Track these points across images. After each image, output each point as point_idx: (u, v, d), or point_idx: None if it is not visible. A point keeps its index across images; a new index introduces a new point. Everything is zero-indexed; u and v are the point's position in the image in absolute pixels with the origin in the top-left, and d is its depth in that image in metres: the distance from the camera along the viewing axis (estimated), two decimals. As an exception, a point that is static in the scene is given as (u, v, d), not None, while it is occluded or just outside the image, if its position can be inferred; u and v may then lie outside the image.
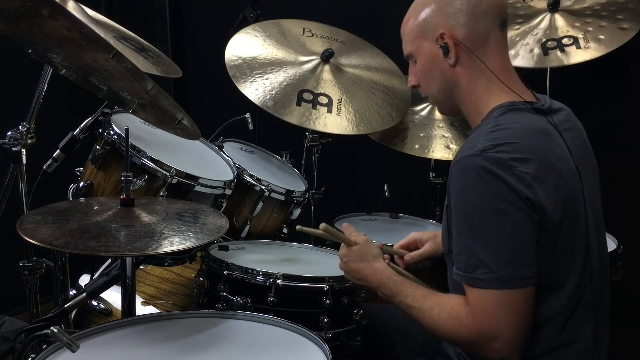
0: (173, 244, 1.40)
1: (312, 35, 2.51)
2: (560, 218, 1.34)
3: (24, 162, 1.82)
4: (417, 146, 2.43)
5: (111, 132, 1.85)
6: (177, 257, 1.97)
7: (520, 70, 1.55)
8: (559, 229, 1.34)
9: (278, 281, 1.71)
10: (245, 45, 2.38)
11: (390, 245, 1.80)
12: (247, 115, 2.45)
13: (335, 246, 2.28)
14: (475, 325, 1.33)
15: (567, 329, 1.39)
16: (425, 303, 1.43)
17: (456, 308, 1.37)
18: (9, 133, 1.81)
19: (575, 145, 1.46)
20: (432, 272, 2.24)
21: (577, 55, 2.21)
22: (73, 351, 1.22)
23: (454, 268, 1.39)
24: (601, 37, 2.23)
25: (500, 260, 1.30)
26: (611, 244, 2.13)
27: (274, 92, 2.24)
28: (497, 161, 1.31)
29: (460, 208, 1.35)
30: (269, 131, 2.64)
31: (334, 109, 2.26)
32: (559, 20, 2.31)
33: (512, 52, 2.28)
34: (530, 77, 1.61)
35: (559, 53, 2.23)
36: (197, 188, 1.90)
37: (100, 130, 1.88)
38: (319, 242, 2.26)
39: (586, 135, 1.55)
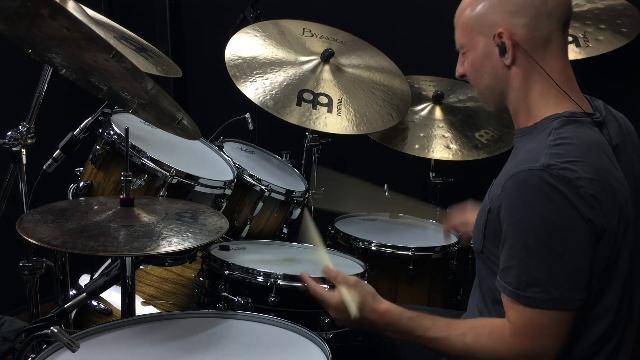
0: (171, 244, 1.39)
1: (312, 35, 2.51)
2: (614, 240, 1.31)
3: (24, 162, 1.82)
4: (417, 146, 2.43)
5: (111, 132, 1.85)
6: (178, 257, 1.97)
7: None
8: (613, 250, 1.32)
9: (279, 281, 1.71)
10: (245, 45, 2.38)
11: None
12: (247, 115, 2.45)
13: (336, 247, 2.28)
14: (521, 345, 1.29)
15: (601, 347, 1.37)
16: (453, 331, 1.36)
17: (497, 329, 1.32)
18: (9, 133, 1.81)
19: (627, 161, 1.42)
20: (432, 278, 2.25)
21: (577, 54, 2.22)
22: (73, 351, 1.22)
23: (497, 278, 1.34)
24: (600, 38, 2.23)
25: (556, 280, 1.26)
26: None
27: (274, 92, 2.24)
28: (563, 179, 1.25)
29: (518, 223, 1.29)
30: (269, 131, 2.64)
31: (334, 109, 2.26)
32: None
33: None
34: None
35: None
36: (197, 188, 1.90)
37: (100, 130, 1.88)
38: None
39: (636, 143, 1.50)
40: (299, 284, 1.72)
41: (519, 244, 1.29)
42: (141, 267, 2.09)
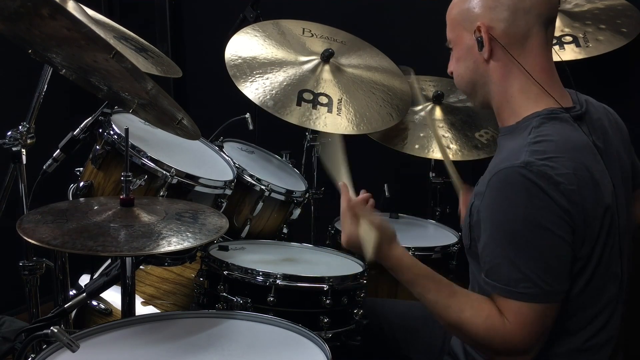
0: (171, 244, 1.39)
1: (312, 35, 2.51)
2: (597, 234, 1.34)
3: (24, 162, 1.82)
4: (417, 146, 2.43)
5: (111, 132, 1.85)
6: (177, 257, 1.97)
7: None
8: (596, 244, 1.35)
9: (278, 281, 1.71)
10: (245, 45, 2.38)
11: None
12: (247, 115, 2.45)
13: (336, 246, 2.28)
14: (511, 338, 1.32)
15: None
16: (454, 303, 1.38)
17: (492, 317, 1.34)
18: (9, 133, 1.81)
19: (612, 151, 1.44)
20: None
21: (577, 54, 2.22)
22: (73, 351, 1.22)
23: (482, 275, 1.37)
24: (600, 38, 2.23)
25: (544, 274, 1.30)
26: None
27: (274, 92, 2.24)
28: (544, 176, 1.29)
29: (500, 220, 1.33)
30: (269, 131, 2.64)
31: (334, 109, 2.26)
32: (559, 20, 2.31)
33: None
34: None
35: (558, 50, 2.24)
36: (197, 188, 1.90)
37: (100, 130, 1.88)
38: (319, 242, 2.25)
39: (624, 134, 1.54)
40: (299, 284, 1.72)
41: (504, 240, 1.32)
42: (141, 267, 2.09)
